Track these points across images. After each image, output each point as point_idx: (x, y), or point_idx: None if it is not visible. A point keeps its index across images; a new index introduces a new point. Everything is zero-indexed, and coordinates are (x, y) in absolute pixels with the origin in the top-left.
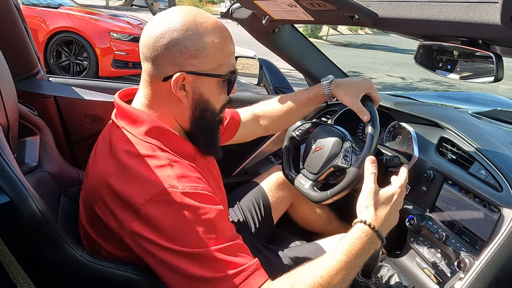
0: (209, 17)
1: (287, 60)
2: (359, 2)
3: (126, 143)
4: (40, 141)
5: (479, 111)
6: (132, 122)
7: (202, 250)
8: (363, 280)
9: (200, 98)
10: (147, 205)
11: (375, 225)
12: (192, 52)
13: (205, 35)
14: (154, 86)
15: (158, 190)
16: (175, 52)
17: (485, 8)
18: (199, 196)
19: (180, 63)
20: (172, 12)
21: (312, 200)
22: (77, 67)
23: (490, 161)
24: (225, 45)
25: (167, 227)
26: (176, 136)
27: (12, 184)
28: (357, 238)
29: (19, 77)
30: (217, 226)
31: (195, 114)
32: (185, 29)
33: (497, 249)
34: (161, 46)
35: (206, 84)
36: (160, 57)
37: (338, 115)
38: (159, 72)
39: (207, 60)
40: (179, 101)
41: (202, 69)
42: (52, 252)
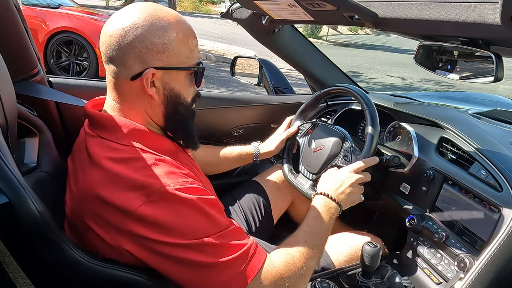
0: (169, 11)
1: (287, 60)
2: (359, 2)
3: (107, 150)
4: (39, 142)
5: (479, 111)
6: (108, 129)
7: (204, 239)
8: (363, 280)
9: (171, 92)
10: (143, 206)
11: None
12: (159, 47)
13: (169, 29)
14: (122, 87)
15: (151, 190)
16: (142, 49)
17: (485, 8)
18: (191, 189)
19: (148, 59)
20: (131, 9)
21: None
22: (77, 67)
23: (490, 161)
24: (189, 37)
25: (166, 224)
26: (154, 134)
27: (10, 185)
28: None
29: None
30: (213, 215)
31: (168, 109)
32: (148, 25)
33: (497, 249)
34: (126, 45)
35: (175, 78)
36: (125, 56)
37: (338, 115)
38: (126, 71)
39: (174, 54)
40: (150, 98)
41: (170, 63)
42: (51, 253)
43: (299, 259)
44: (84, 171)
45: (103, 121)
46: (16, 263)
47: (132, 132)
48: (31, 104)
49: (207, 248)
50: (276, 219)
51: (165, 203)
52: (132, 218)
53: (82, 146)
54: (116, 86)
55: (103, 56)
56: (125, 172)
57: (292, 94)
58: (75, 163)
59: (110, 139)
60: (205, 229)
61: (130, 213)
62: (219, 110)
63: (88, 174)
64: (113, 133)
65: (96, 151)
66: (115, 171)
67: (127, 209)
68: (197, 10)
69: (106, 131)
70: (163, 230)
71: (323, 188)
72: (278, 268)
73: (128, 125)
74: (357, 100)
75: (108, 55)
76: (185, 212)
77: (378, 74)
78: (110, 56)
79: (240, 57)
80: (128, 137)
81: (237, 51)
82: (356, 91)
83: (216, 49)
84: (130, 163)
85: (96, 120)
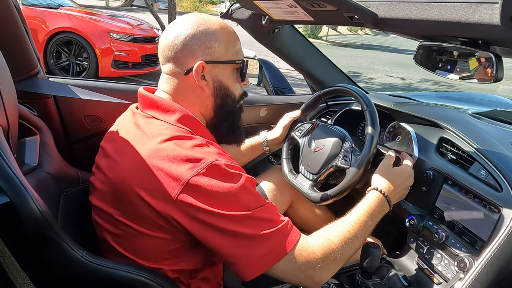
0: (216, 18)
1: (286, 60)
2: (358, 3)
3: (162, 128)
4: (40, 142)
5: (479, 111)
6: (164, 111)
7: (248, 212)
8: (363, 280)
9: (220, 85)
10: (197, 177)
11: (386, 191)
12: (207, 43)
13: (216, 29)
14: (177, 82)
15: (205, 163)
16: (193, 46)
17: (485, 9)
18: (236, 168)
19: (198, 54)
20: (182, 18)
21: (312, 200)
22: (77, 67)
23: (490, 162)
24: (233, 38)
25: (215, 195)
26: (202, 125)
27: (12, 185)
28: (372, 201)
29: (19, 78)
30: (255, 192)
31: (217, 101)
32: (196, 26)
33: (497, 250)
34: (179, 44)
35: (223, 72)
36: (179, 53)
37: (338, 115)
38: (180, 67)
39: (220, 50)
40: (201, 90)
41: (217, 58)
42: (52, 253)
43: (336, 246)
44: (134, 145)
45: (159, 103)
46: (16, 263)
47: (185, 117)
48: (31, 104)
49: (250, 221)
50: None
51: (216, 176)
52: (184, 188)
53: (129, 125)
54: (171, 81)
55: (161, 58)
56: (179, 148)
57: (292, 94)
58: (119, 141)
59: (165, 120)
60: (250, 203)
61: (183, 182)
62: None
63: (142, 147)
64: (167, 115)
65: (149, 127)
66: (170, 146)
67: (181, 178)
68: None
69: (161, 113)
70: (212, 201)
71: (380, 185)
72: (313, 248)
73: (182, 111)
74: (357, 101)
75: (165, 55)
76: (233, 186)
77: (378, 74)
78: (167, 56)
79: None
80: (181, 121)
81: None
82: (356, 91)
83: None
84: (184, 141)
85: (152, 102)
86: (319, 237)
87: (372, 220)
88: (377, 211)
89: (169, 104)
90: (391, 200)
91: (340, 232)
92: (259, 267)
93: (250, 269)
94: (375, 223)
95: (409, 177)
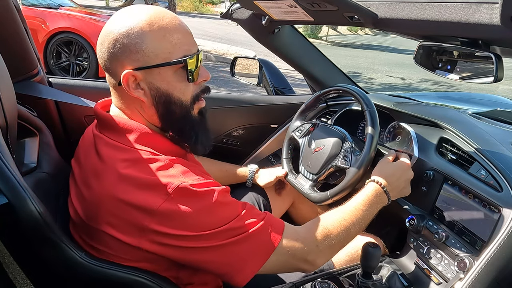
0: (145, 9)
1: (286, 60)
2: (359, 3)
3: (120, 152)
4: (40, 142)
5: (479, 111)
6: (119, 131)
7: (226, 225)
8: (363, 280)
9: (158, 92)
10: (165, 204)
11: (384, 184)
12: (132, 48)
13: (141, 27)
14: (118, 94)
15: (170, 188)
16: (117, 53)
17: (485, 9)
18: (206, 184)
19: (125, 62)
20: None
21: (312, 200)
22: (77, 67)
23: (490, 162)
24: (168, 31)
25: (189, 219)
26: (163, 138)
27: (10, 186)
28: (369, 191)
29: (19, 78)
30: (229, 202)
31: (160, 110)
32: (118, 28)
33: (497, 250)
34: (105, 52)
35: (160, 76)
36: (108, 63)
37: (338, 115)
38: (114, 77)
39: (150, 52)
40: (140, 101)
41: (148, 62)
42: (50, 254)
43: (331, 232)
44: (97, 175)
45: (114, 124)
46: (16, 264)
47: (142, 135)
48: (31, 104)
49: (230, 232)
50: None
51: (185, 199)
52: (155, 217)
53: (90, 148)
54: (113, 93)
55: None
56: (141, 174)
57: (292, 94)
58: (83, 166)
59: (121, 142)
60: (226, 216)
61: (153, 212)
62: (219, 111)
63: (103, 178)
64: (124, 136)
65: (109, 154)
66: (132, 173)
67: (150, 208)
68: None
69: (117, 134)
70: (184, 225)
71: (379, 177)
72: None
73: (138, 128)
74: (357, 101)
75: (101, 64)
76: (204, 206)
77: (378, 74)
78: (102, 65)
79: (240, 58)
80: (138, 140)
81: (237, 51)
82: (356, 92)
83: (216, 50)
84: (145, 165)
85: (108, 123)
86: (313, 224)
87: (369, 210)
88: (375, 201)
89: (124, 123)
90: (390, 192)
91: (336, 219)
92: (250, 269)
93: (241, 274)
94: (373, 213)
95: (407, 170)
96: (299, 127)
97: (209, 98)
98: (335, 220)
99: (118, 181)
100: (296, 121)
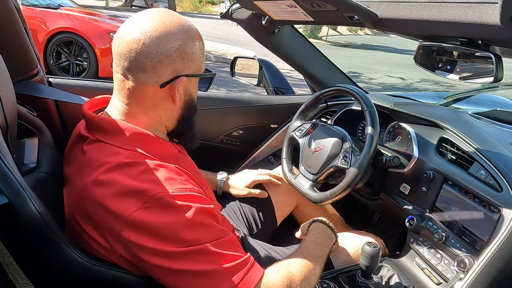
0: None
1: (286, 60)
2: (358, 3)
3: (107, 154)
4: (39, 142)
5: (479, 111)
6: (109, 132)
7: (198, 247)
8: (363, 281)
9: (190, 97)
10: (138, 212)
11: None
12: (190, 56)
13: (195, 38)
14: (145, 93)
15: (147, 196)
16: (176, 58)
17: (485, 9)
18: (188, 197)
19: (180, 68)
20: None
21: (312, 200)
22: (76, 67)
23: (490, 162)
24: (203, 46)
25: (159, 231)
26: (158, 139)
27: (10, 186)
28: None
29: (19, 78)
30: (208, 224)
31: (184, 114)
32: (181, 33)
33: (497, 250)
34: (161, 51)
35: (194, 84)
36: (159, 64)
37: (338, 115)
38: (156, 78)
39: (196, 63)
40: (171, 103)
41: (195, 71)
42: (50, 254)
43: (298, 278)
44: (81, 174)
45: (104, 125)
46: (16, 264)
47: (134, 136)
48: (30, 104)
49: (201, 257)
50: (280, 220)
51: (160, 209)
52: (125, 224)
53: (78, 150)
54: (137, 91)
55: (125, 62)
56: (122, 177)
57: (292, 94)
58: (71, 167)
59: (110, 143)
60: (200, 238)
61: (124, 218)
62: (218, 111)
63: (85, 178)
64: (114, 137)
65: (95, 155)
66: (112, 176)
67: (121, 214)
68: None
69: (107, 135)
70: (155, 237)
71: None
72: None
73: (131, 129)
74: (357, 101)
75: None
76: (180, 220)
77: (378, 74)
78: (138, 63)
79: (240, 58)
80: (130, 141)
81: (237, 51)
82: (356, 92)
83: (216, 50)
84: (129, 168)
85: (97, 124)
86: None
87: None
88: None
89: (115, 124)
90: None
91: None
92: None
93: None
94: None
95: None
96: (299, 127)
97: (209, 98)
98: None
99: (98, 183)
100: (296, 121)
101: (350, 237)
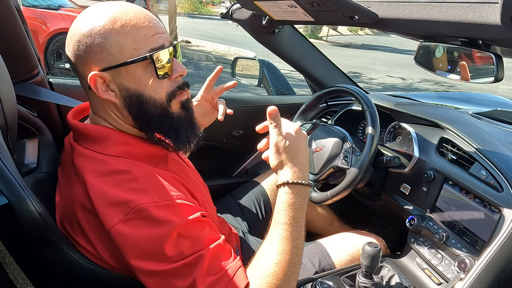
0: (108, 5)
1: (287, 60)
2: (359, 3)
3: (93, 163)
4: (40, 143)
5: (480, 111)
6: (95, 140)
7: (181, 262)
8: (363, 281)
9: (128, 93)
10: (119, 224)
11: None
12: (96, 48)
13: (102, 25)
14: (91, 98)
15: (129, 207)
16: (82, 55)
17: (485, 9)
18: (173, 207)
19: (91, 64)
20: (77, 17)
21: (312, 200)
22: None
23: (491, 162)
24: (131, 27)
25: (140, 246)
26: (140, 141)
27: (10, 186)
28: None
29: (19, 79)
30: (191, 234)
31: (133, 111)
32: (81, 28)
33: (497, 250)
34: (72, 55)
35: (127, 76)
36: (76, 66)
37: (338, 115)
38: (84, 81)
39: (115, 50)
40: (112, 104)
41: (113, 61)
42: (50, 254)
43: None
44: (70, 183)
45: (89, 133)
46: (16, 264)
47: (119, 141)
48: (31, 105)
49: (184, 270)
50: None
51: (141, 222)
52: (110, 236)
53: (68, 158)
54: (88, 97)
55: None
56: (107, 187)
57: (292, 94)
58: (64, 174)
59: (97, 151)
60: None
61: (107, 230)
62: None
63: (73, 187)
64: (99, 144)
65: (82, 164)
66: (98, 186)
67: (105, 227)
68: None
69: (93, 143)
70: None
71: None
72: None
73: (115, 135)
74: (357, 101)
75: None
76: (161, 233)
77: (378, 74)
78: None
79: (241, 58)
80: (115, 147)
81: (237, 52)
82: (356, 92)
83: (216, 50)
84: (115, 176)
85: (81, 133)
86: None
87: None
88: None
89: (99, 131)
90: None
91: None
92: None
93: None
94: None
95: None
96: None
97: None
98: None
99: (84, 191)
100: (297, 121)
101: (350, 237)
